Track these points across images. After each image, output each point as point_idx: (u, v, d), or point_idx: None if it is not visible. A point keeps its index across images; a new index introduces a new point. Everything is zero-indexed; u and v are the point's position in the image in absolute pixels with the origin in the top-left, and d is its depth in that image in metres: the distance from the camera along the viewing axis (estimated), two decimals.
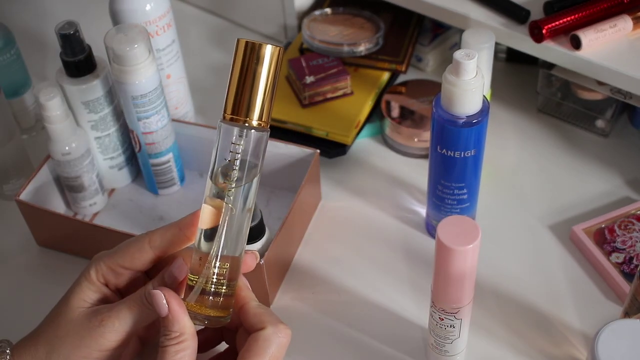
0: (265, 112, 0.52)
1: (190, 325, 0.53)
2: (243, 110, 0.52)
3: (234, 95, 0.52)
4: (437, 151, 0.72)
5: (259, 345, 0.52)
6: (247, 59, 0.51)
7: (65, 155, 0.79)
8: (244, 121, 0.52)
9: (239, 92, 0.52)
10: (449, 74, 0.67)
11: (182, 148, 0.86)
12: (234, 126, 0.52)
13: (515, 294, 0.75)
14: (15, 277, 0.81)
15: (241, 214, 0.53)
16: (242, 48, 0.51)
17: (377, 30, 0.94)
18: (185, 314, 0.53)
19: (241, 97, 0.52)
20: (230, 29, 1.10)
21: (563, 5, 0.82)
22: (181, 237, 0.55)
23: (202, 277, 0.53)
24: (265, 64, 0.51)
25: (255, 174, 0.53)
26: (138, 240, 0.56)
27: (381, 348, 0.72)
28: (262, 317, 0.54)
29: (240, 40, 0.52)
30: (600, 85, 0.85)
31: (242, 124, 0.52)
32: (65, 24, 0.76)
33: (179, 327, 0.52)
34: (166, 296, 0.52)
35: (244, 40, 0.51)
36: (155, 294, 0.52)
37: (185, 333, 0.52)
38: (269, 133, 0.53)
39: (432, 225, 0.80)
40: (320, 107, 0.89)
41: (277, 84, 0.53)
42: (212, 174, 0.53)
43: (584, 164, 0.87)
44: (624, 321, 0.59)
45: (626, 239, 0.78)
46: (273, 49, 0.51)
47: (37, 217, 0.80)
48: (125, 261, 0.55)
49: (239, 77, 0.52)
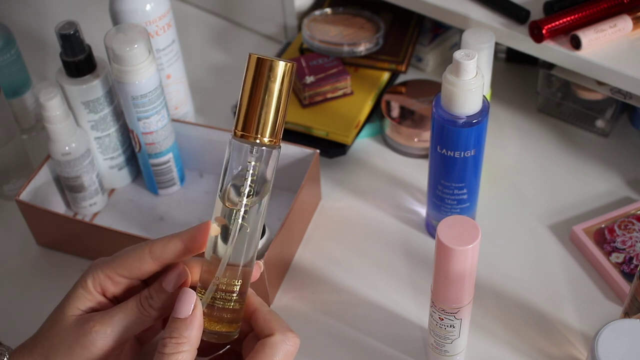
0: (277, 130, 0.52)
1: (197, 340, 0.52)
2: (254, 128, 0.51)
3: (245, 112, 0.51)
4: (437, 151, 0.72)
5: (265, 352, 0.52)
6: (258, 75, 0.50)
7: (65, 155, 0.79)
8: (255, 138, 0.51)
9: (250, 109, 0.51)
10: (449, 74, 0.67)
11: (182, 148, 0.86)
12: (245, 143, 0.51)
13: (515, 294, 0.75)
14: (15, 277, 0.81)
15: (252, 232, 0.53)
16: (253, 64, 0.50)
17: (377, 30, 0.94)
18: (201, 328, 0.52)
19: (252, 114, 0.51)
20: (230, 29, 1.10)
21: (563, 5, 0.82)
22: (184, 251, 0.54)
23: (209, 292, 0.53)
24: (277, 81, 0.50)
25: (267, 191, 0.52)
26: (138, 249, 0.55)
27: (381, 348, 0.72)
28: (271, 324, 0.53)
29: (252, 55, 0.51)
30: (600, 85, 0.85)
31: (253, 141, 0.51)
32: (65, 24, 0.76)
33: (189, 333, 0.51)
34: (196, 302, 0.51)
35: (255, 56, 0.50)
36: (189, 293, 0.52)
37: (192, 344, 0.51)
38: (280, 150, 0.52)
39: (432, 225, 0.80)
40: (320, 107, 0.89)
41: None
42: (222, 191, 0.52)
43: (584, 164, 0.87)
44: (624, 321, 0.59)
45: (626, 239, 0.78)
46: (285, 65, 0.50)
47: (37, 217, 0.80)
48: (124, 270, 0.54)
49: (250, 94, 0.51)
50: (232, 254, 0.52)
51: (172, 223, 0.84)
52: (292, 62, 0.51)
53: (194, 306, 0.52)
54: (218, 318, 0.53)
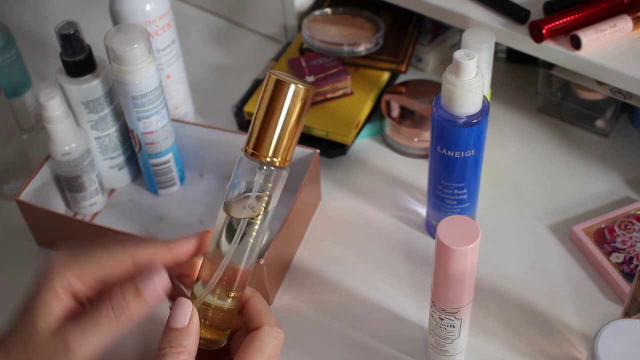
0: (289, 152, 0.51)
1: (195, 348, 0.52)
2: (266, 148, 0.51)
3: (259, 132, 0.51)
4: (437, 151, 0.72)
5: (255, 345, 0.52)
6: (276, 97, 0.50)
7: (65, 155, 0.79)
8: (265, 158, 0.51)
9: (264, 129, 0.50)
10: (449, 74, 0.67)
11: (182, 148, 0.86)
12: (255, 162, 0.51)
13: (515, 294, 0.75)
14: (15, 277, 0.81)
15: (253, 245, 0.53)
16: (272, 84, 0.50)
17: (377, 30, 0.94)
18: (198, 333, 0.52)
19: (266, 135, 0.51)
20: (230, 29, 1.10)
21: (563, 5, 0.82)
22: (170, 263, 0.53)
23: (200, 299, 0.53)
24: (295, 105, 0.50)
25: (271, 208, 0.52)
26: (114, 252, 0.52)
27: (381, 348, 0.72)
28: (261, 317, 0.54)
29: (271, 75, 0.50)
30: (600, 85, 0.85)
31: (263, 161, 0.51)
32: (65, 24, 0.76)
33: (187, 342, 0.51)
34: (192, 311, 0.51)
35: (274, 77, 0.50)
36: (185, 303, 0.51)
37: (190, 352, 0.51)
38: (288, 171, 0.52)
39: (432, 225, 0.80)
40: (320, 107, 0.89)
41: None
42: (225, 204, 0.52)
43: (584, 164, 0.87)
44: (624, 321, 0.59)
45: (626, 239, 0.77)
46: (305, 90, 0.50)
47: (37, 217, 0.80)
48: (98, 273, 0.52)
49: (265, 114, 0.50)
50: (231, 262, 0.53)
51: (172, 223, 0.84)
52: (311, 86, 0.51)
53: (190, 314, 0.52)
54: (209, 326, 0.54)
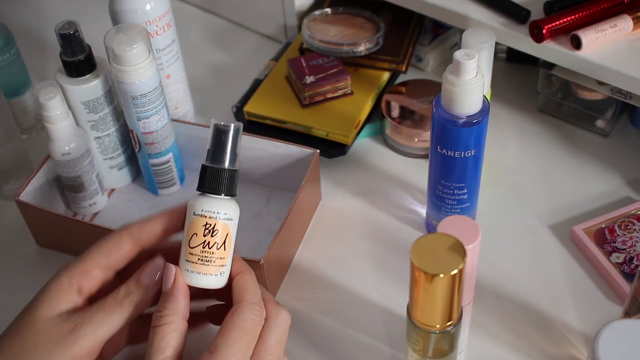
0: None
1: (183, 309, 0.52)
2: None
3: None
4: (437, 151, 0.72)
5: (234, 320, 0.53)
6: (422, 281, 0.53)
7: (65, 155, 0.79)
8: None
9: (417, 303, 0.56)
10: (449, 74, 0.67)
11: (182, 148, 0.86)
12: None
13: (515, 294, 0.75)
14: (15, 278, 0.81)
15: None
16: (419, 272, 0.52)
17: (377, 30, 0.94)
18: (185, 298, 0.53)
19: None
20: (230, 29, 1.10)
21: (563, 5, 0.82)
22: (162, 231, 0.55)
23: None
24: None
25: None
26: (114, 234, 0.55)
27: (381, 348, 0.72)
28: (243, 295, 0.54)
29: (413, 262, 0.52)
30: (601, 85, 0.85)
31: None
32: (65, 24, 0.76)
33: (172, 306, 0.52)
34: (176, 274, 0.52)
35: (422, 272, 0.52)
36: (170, 267, 0.53)
37: (177, 314, 0.52)
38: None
39: (432, 225, 0.80)
40: (320, 107, 0.89)
41: (277, 84, 0.53)
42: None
43: (584, 164, 0.87)
44: (624, 321, 0.59)
45: (626, 239, 0.77)
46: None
47: (37, 217, 0.79)
48: (102, 258, 0.54)
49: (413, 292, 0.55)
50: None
51: None
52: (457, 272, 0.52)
53: (174, 278, 0.52)
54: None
